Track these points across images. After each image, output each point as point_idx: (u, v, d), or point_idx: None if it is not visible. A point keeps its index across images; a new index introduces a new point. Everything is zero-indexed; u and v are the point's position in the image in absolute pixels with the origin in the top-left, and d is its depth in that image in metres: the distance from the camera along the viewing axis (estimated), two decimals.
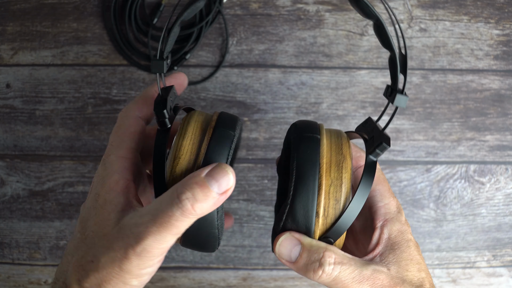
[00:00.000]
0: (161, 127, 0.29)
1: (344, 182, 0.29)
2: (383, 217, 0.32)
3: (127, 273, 0.26)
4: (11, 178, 0.52)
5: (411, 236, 0.31)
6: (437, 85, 0.52)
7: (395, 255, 0.30)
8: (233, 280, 0.53)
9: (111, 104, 0.52)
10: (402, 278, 0.29)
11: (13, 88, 0.52)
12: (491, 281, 0.54)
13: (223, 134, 0.29)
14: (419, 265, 0.30)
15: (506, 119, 0.52)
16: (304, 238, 0.29)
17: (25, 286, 0.53)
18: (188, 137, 0.29)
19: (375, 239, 0.31)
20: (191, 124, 0.30)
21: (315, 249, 0.28)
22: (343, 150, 0.30)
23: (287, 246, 0.29)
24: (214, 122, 0.30)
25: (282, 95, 0.52)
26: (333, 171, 0.29)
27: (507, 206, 0.53)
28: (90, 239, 0.28)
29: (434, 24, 0.52)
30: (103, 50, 0.52)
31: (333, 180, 0.29)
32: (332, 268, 0.28)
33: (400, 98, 0.28)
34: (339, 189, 0.29)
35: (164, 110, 0.28)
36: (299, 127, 0.31)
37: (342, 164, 0.29)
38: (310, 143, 0.29)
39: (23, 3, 0.51)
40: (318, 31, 0.52)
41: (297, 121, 0.33)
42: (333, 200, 0.29)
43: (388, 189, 0.33)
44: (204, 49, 0.52)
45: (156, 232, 0.26)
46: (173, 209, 0.26)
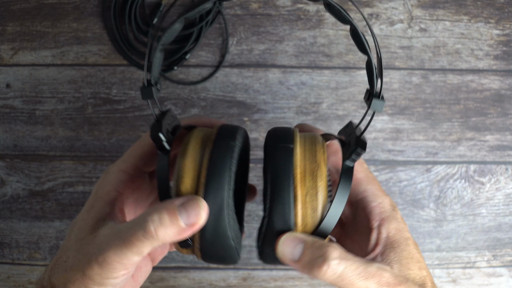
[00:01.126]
0: (161, 150, 0.29)
1: (319, 190, 0.28)
2: (379, 216, 0.31)
3: (89, 279, 0.27)
4: (11, 178, 0.52)
5: (409, 234, 0.31)
6: (437, 85, 0.52)
7: (396, 254, 0.30)
8: (233, 280, 0.53)
9: (111, 104, 0.52)
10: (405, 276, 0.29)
11: (13, 88, 0.52)
12: (491, 281, 0.54)
13: (223, 145, 0.29)
14: (420, 264, 0.30)
15: (506, 119, 0.52)
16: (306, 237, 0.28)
17: (25, 286, 0.53)
18: (189, 154, 0.29)
19: (374, 239, 0.31)
20: (191, 142, 0.30)
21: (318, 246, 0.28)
22: (317, 158, 0.29)
23: (289, 245, 0.28)
24: (213, 136, 0.30)
25: (282, 95, 0.52)
26: (308, 180, 0.29)
27: (507, 206, 0.53)
28: (71, 241, 0.29)
29: (434, 24, 0.52)
30: (103, 50, 0.52)
31: (308, 189, 0.28)
32: (337, 263, 0.27)
33: (376, 102, 0.28)
34: (315, 198, 0.28)
35: (160, 134, 0.28)
36: (272, 137, 0.31)
37: (316, 173, 0.29)
38: (283, 153, 0.29)
39: (23, 3, 0.51)
40: (318, 31, 0.52)
41: (271, 129, 0.32)
42: (310, 210, 0.28)
43: (379, 188, 0.33)
44: (204, 49, 0.52)
45: (117, 247, 0.26)
46: (137, 228, 0.26)
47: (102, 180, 0.32)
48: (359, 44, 0.28)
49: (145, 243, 0.26)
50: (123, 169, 0.32)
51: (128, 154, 0.33)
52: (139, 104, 0.52)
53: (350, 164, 0.29)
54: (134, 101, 0.52)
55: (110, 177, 0.32)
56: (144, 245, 0.26)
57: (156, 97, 0.29)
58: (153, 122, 0.30)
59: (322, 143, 0.31)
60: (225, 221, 0.28)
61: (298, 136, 0.31)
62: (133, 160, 0.32)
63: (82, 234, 0.29)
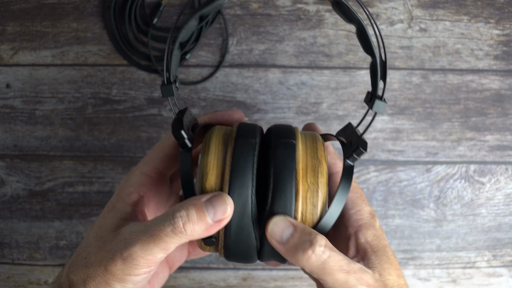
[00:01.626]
0: (183, 148, 0.30)
1: (320, 187, 0.29)
2: (356, 223, 0.31)
3: (111, 274, 0.27)
4: (11, 178, 0.52)
5: (387, 242, 0.31)
6: (437, 85, 0.52)
7: (377, 258, 0.30)
8: (233, 280, 0.53)
9: (111, 104, 0.52)
10: (384, 282, 0.29)
11: (13, 88, 0.52)
12: (491, 281, 0.54)
13: (245, 143, 0.29)
14: (398, 271, 0.30)
15: (506, 119, 0.52)
16: (297, 222, 0.29)
17: (25, 286, 0.53)
18: (212, 152, 0.30)
19: (353, 246, 0.31)
20: (213, 139, 0.31)
21: (308, 232, 0.28)
22: (318, 155, 0.30)
23: (280, 226, 0.28)
24: (234, 134, 0.30)
25: (282, 95, 0.52)
26: (309, 176, 0.29)
27: (507, 206, 0.53)
28: (91, 239, 0.29)
29: (434, 24, 0.52)
30: (103, 50, 0.52)
31: (309, 185, 0.29)
32: (322, 250, 0.27)
33: (379, 104, 0.28)
34: (315, 194, 0.29)
35: (182, 131, 0.29)
36: (275, 132, 0.31)
37: (318, 169, 0.29)
38: (286, 148, 0.29)
39: (23, 3, 0.51)
40: (318, 31, 0.52)
41: (272, 126, 0.33)
42: (310, 205, 0.29)
43: (360, 196, 0.33)
44: (204, 49, 0.52)
45: (144, 242, 0.26)
46: (165, 223, 0.26)
47: (124, 182, 0.32)
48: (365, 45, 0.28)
49: (173, 238, 0.26)
50: (145, 171, 0.32)
51: (150, 156, 0.33)
52: (139, 104, 0.52)
53: (351, 163, 0.29)
54: (134, 101, 0.52)
55: (133, 179, 0.32)
56: (172, 241, 0.26)
57: (176, 94, 0.30)
58: (174, 120, 0.30)
59: (322, 141, 0.32)
60: (249, 219, 0.29)
61: (299, 133, 0.31)
62: (155, 163, 0.33)
63: (104, 232, 0.29)
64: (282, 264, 0.33)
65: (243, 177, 0.28)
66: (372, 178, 0.52)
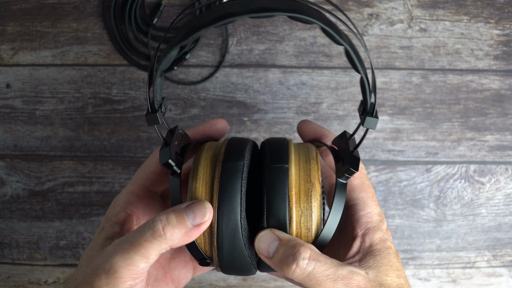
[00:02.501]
0: (172, 174, 0.30)
1: (314, 211, 0.29)
2: (365, 225, 0.32)
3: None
4: (11, 178, 0.52)
5: (391, 244, 0.32)
6: (437, 85, 0.52)
7: (375, 261, 0.30)
8: (233, 280, 0.53)
9: (111, 104, 0.52)
10: (380, 282, 0.29)
11: (13, 88, 0.52)
12: (491, 281, 0.54)
13: (232, 167, 0.30)
14: (399, 272, 0.30)
15: (506, 119, 0.52)
16: (283, 235, 0.29)
17: (25, 286, 0.53)
18: (200, 178, 0.30)
19: (356, 247, 0.31)
20: (201, 163, 0.31)
21: (292, 245, 0.28)
22: (311, 177, 0.30)
23: (265, 241, 0.29)
24: (222, 156, 0.31)
25: (282, 95, 0.52)
26: (303, 201, 0.29)
27: (507, 206, 0.53)
28: (82, 261, 0.30)
29: (434, 24, 0.52)
30: (103, 50, 0.52)
31: (303, 210, 0.29)
32: (306, 263, 0.28)
33: (370, 120, 0.29)
34: (309, 219, 0.29)
35: (169, 160, 0.29)
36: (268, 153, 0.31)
37: (311, 193, 0.30)
38: (278, 175, 0.30)
39: (23, 3, 0.51)
40: (318, 31, 0.52)
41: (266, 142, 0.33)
42: (304, 230, 0.29)
43: (371, 197, 0.33)
44: (204, 49, 0.52)
45: (125, 251, 0.27)
46: (145, 229, 0.27)
47: (112, 203, 0.33)
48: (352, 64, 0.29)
49: (153, 243, 0.27)
50: (131, 190, 0.33)
51: (136, 175, 0.34)
52: (139, 104, 0.52)
53: (343, 181, 0.30)
54: (134, 101, 0.52)
55: (119, 199, 0.33)
56: (152, 246, 0.27)
57: (162, 121, 0.30)
58: (162, 146, 0.30)
59: (316, 157, 0.32)
60: (240, 242, 0.29)
61: (293, 153, 0.31)
62: (141, 181, 0.33)
63: (92, 252, 0.30)
64: None
65: (231, 202, 0.29)
66: (372, 178, 0.52)
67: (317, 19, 0.27)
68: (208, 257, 0.31)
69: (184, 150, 0.32)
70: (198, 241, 0.30)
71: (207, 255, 0.31)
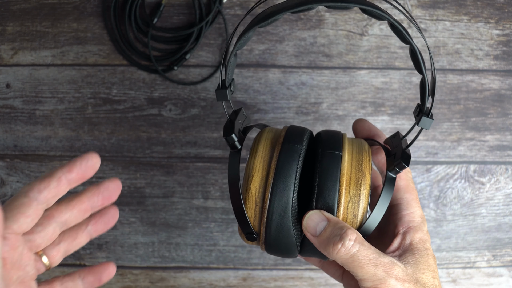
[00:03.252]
0: (232, 149, 0.32)
1: (362, 198, 0.31)
2: (407, 224, 0.33)
3: None
4: (11, 178, 0.52)
5: (430, 246, 0.33)
6: (437, 85, 0.52)
7: (414, 258, 0.31)
8: (233, 280, 0.53)
9: (111, 104, 0.52)
10: (416, 278, 0.30)
11: (13, 88, 0.52)
12: (491, 281, 0.54)
13: (290, 149, 0.31)
14: (434, 273, 0.31)
15: (506, 119, 0.52)
16: (331, 216, 0.30)
17: None
18: (259, 155, 0.32)
19: (396, 243, 0.32)
20: (261, 142, 0.33)
21: (340, 226, 0.30)
22: (363, 167, 0.31)
23: (314, 220, 0.30)
24: (282, 138, 0.32)
25: (282, 95, 0.52)
26: (352, 188, 0.31)
27: (507, 206, 0.53)
28: None
29: (434, 24, 0.52)
30: (103, 50, 0.52)
31: (351, 196, 0.31)
32: (352, 244, 0.29)
33: (425, 120, 0.30)
34: (357, 205, 0.31)
35: (233, 134, 0.31)
36: (324, 141, 0.33)
37: (361, 181, 0.31)
38: (332, 160, 0.31)
39: (23, 3, 0.51)
40: (318, 31, 0.52)
41: (322, 132, 0.34)
42: (351, 215, 0.31)
43: (415, 198, 0.34)
44: (204, 49, 0.52)
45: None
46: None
47: None
48: (416, 64, 0.30)
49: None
50: None
51: None
52: (139, 104, 0.52)
53: (393, 175, 0.31)
54: (134, 101, 0.52)
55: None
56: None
57: (230, 98, 0.32)
58: (227, 122, 0.32)
59: (368, 151, 0.33)
60: (289, 221, 0.30)
61: (347, 143, 0.33)
62: None
63: None
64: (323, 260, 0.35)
65: (286, 181, 0.30)
66: None
67: (388, 15, 0.28)
68: (256, 232, 0.32)
69: (246, 130, 0.34)
70: (248, 215, 0.31)
71: (255, 230, 0.32)
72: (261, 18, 0.29)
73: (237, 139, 0.32)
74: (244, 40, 0.31)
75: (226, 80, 0.32)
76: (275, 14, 0.28)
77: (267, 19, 0.29)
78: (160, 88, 0.52)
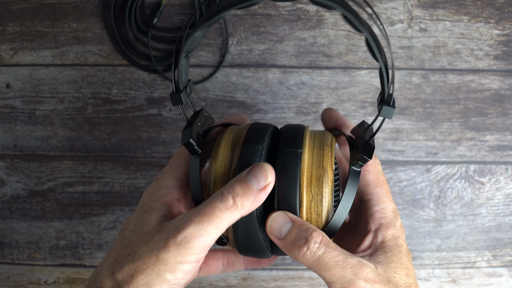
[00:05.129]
0: (193, 154, 0.31)
1: (325, 196, 0.30)
2: (378, 221, 0.31)
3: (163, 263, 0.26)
4: (11, 178, 0.52)
5: (404, 242, 0.31)
6: (437, 85, 0.52)
7: (386, 257, 0.30)
8: (233, 280, 0.53)
9: (111, 104, 0.52)
10: (388, 278, 0.29)
11: (13, 88, 0.52)
12: (491, 281, 0.54)
13: (250, 150, 0.30)
14: (408, 271, 0.30)
15: (506, 119, 0.52)
16: (296, 217, 0.29)
17: (25, 286, 0.53)
18: (219, 159, 0.31)
19: (368, 241, 0.31)
20: (221, 145, 0.32)
21: (305, 228, 0.29)
22: (324, 163, 0.30)
23: (278, 222, 0.29)
24: (242, 139, 0.31)
25: (282, 95, 0.52)
26: (314, 186, 0.30)
27: (507, 206, 0.53)
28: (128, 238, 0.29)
29: (434, 24, 0.52)
30: (103, 50, 0.52)
31: (313, 195, 0.30)
32: (317, 246, 0.28)
33: (386, 109, 0.29)
34: (320, 204, 0.30)
35: (190, 140, 0.30)
36: (283, 138, 0.32)
37: (322, 179, 0.30)
38: (291, 158, 0.30)
39: (23, 3, 0.51)
40: (318, 31, 0.52)
41: (283, 127, 0.33)
42: (314, 214, 0.30)
43: (386, 192, 0.32)
44: (204, 49, 0.52)
45: (199, 222, 0.26)
46: (217, 201, 0.27)
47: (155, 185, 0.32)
48: (371, 52, 0.29)
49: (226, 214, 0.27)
50: (176, 176, 0.33)
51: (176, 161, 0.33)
52: (139, 104, 0.52)
53: (356, 169, 0.30)
54: (134, 101, 0.52)
55: (165, 183, 0.32)
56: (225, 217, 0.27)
57: (187, 101, 0.31)
58: (184, 127, 0.31)
59: (331, 144, 0.32)
60: (255, 224, 0.30)
61: (307, 139, 0.32)
62: (182, 167, 0.33)
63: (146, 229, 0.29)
64: None
65: None
66: None
67: (338, 3, 0.27)
68: (225, 237, 0.31)
69: (207, 132, 0.33)
70: None
71: (224, 235, 0.31)
72: (207, 17, 0.28)
73: (196, 144, 0.30)
74: (193, 41, 0.30)
75: (179, 83, 0.30)
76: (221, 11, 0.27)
77: (212, 17, 0.28)
78: (160, 88, 0.52)
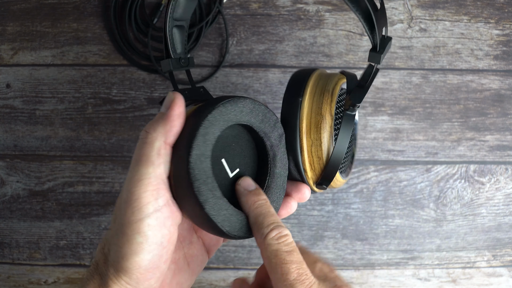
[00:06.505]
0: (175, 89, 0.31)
1: (323, 141, 0.32)
2: None
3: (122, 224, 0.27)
4: (11, 178, 0.52)
5: None
6: (437, 85, 0.52)
7: None
8: (233, 280, 0.53)
9: (111, 104, 0.52)
10: None
11: (13, 88, 0.52)
12: (491, 281, 0.54)
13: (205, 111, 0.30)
14: None
15: (506, 119, 0.52)
16: None
17: (25, 286, 0.53)
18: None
19: None
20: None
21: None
22: (322, 110, 0.32)
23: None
24: None
25: (282, 95, 0.52)
26: (313, 132, 0.32)
27: (507, 206, 0.53)
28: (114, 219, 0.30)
29: (434, 24, 0.52)
30: (103, 50, 0.52)
31: (313, 141, 0.32)
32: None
33: (373, 55, 0.30)
34: (319, 148, 0.32)
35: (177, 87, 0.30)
36: (287, 87, 0.33)
37: (320, 125, 0.32)
38: (291, 107, 0.32)
39: (23, 3, 0.51)
40: (318, 31, 0.52)
41: (292, 75, 0.35)
42: (316, 158, 0.32)
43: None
44: (204, 49, 0.52)
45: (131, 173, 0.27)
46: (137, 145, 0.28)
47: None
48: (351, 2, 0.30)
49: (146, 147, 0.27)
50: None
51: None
52: (139, 104, 0.52)
53: (351, 113, 0.32)
54: (134, 101, 0.52)
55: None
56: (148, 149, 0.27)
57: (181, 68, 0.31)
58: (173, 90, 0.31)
59: (333, 89, 0.33)
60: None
61: (310, 86, 0.33)
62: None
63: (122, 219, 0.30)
64: None
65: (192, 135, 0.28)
66: (372, 178, 0.52)
67: None
68: None
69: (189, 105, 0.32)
70: None
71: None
72: None
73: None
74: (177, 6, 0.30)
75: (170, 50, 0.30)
76: None
77: None
78: (160, 88, 0.52)
